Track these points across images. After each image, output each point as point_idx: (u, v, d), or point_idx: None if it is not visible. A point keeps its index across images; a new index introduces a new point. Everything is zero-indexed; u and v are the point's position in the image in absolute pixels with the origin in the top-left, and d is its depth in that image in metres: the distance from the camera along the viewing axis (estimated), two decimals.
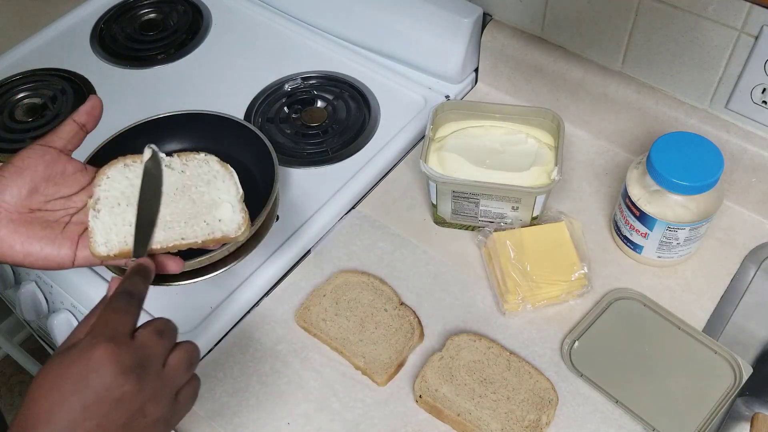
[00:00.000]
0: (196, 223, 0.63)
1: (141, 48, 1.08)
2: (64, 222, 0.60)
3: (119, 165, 0.63)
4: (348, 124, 0.95)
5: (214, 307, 0.77)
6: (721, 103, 0.81)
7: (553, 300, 0.76)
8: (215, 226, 0.64)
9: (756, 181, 0.81)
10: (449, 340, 0.73)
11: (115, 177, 0.62)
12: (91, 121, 0.63)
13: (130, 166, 0.63)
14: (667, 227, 0.74)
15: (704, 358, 0.72)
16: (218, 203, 0.64)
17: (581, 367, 0.72)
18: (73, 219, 0.61)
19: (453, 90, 0.98)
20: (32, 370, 1.37)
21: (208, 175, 0.65)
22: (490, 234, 0.79)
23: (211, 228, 0.64)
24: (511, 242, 0.77)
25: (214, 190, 0.65)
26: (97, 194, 0.61)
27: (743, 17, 0.72)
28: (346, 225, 0.86)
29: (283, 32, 1.08)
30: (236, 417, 0.71)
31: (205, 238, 0.63)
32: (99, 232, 0.60)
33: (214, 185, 0.65)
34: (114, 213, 0.61)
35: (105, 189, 0.62)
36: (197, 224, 0.63)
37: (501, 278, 0.76)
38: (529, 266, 0.76)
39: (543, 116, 0.82)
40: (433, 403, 0.69)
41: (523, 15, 0.91)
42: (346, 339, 0.74)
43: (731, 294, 0.78)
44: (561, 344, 0.74)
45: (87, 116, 0.62)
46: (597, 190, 0.87)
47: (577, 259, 0.76)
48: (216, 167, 0.66)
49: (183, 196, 0.64)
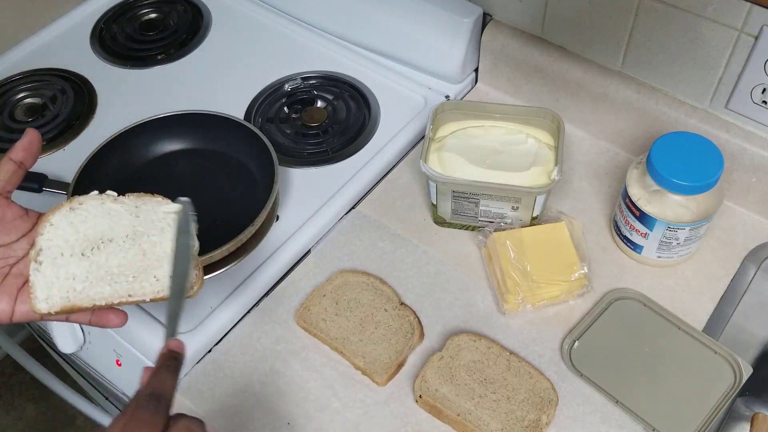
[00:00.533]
0: (145, 279, 0.58)
1: (141, 48, 1.08)
2: (3, 274, 0.56)
3: (64, 209, 0.58)
4: (348, 124, 0.95)
5: (214, 307, 0.77)
6: (721, 103, 0.81)
7: (553, 300, 0.76)
8: (165, 284, 0.58)
9: (756, 181, 0.81)
10: (449, 340, 0.73)
11: (59, 224, 0.57)
12: (29, 157, 0.58)
13: (75, 210, 0.58)
14: (667, 227, 0.74)
15: (704, 358, 0.72)
16: (170, 257, 0.58)
17: (581, 367, 0.72)
18: (12, 270, 0.57)
19: (453, 90, 0.98)
20: (32, 370, 1.37)
21: (163, 223, 0.59)
22: (490, 234, 0.79)
23: (161, 285, 0.58)
24: (511, 242, 0.77)
25: (167, 241, 0.59)
26: (39, 244, 0.56)
27: (743, 17, 0.72)
28: (346, 225, 0.86)
29: (283, 32, 1.08)
30: (236, 417, 0.71)
31: (154, 296, 0.58)
32: (40, 286, 0.55)
33: (167, 235, 0.59)
34: (57, 265, 0.56)
35: (48, 238, 0.56)
36: (146, 280, 0.58)
37: (501, 278, 0.76)
38: (529, 266, 0.76)
39: (543, 116, 0.82)
40: (433, 403, 0.69)
41: (523, 15, 0.91)
42: (346, 339, 0.74)
43: (731, 294, 0.78)
44: (561, 344, 0.74)
45: (24, 153, 0.58)
46: (597, 190, 0.87)
47: (577, 259, 0.77)
48: (171, 215, 0.60)
49: (133, 245, 0.58)
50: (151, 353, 0.75)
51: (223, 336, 0.77)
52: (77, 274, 0.57)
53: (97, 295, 0.57)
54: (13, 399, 1.69)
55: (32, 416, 1.66)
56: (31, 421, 1.66)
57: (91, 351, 0.83)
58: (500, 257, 0.77)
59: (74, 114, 0.98)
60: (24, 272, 0.57)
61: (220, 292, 0.79)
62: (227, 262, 0.80)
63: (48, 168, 0.90)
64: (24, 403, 1.68)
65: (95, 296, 0.57)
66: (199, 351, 0.75)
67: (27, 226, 0.58)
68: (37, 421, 1.66)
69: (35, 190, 0.87)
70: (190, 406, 0.72)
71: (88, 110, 0.99)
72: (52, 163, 0.92)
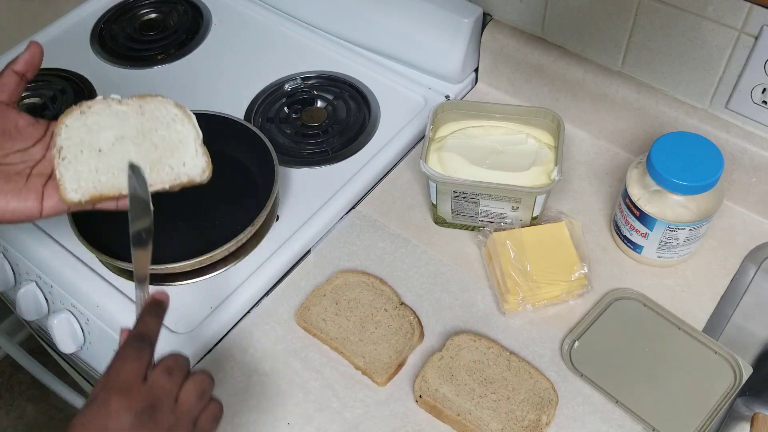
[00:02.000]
0: (161, 169, 0.63)
1: (141, 48, 1.08)
2: (26, 174, 0.61)
3: (75, 113, 0.62)
4: (348, 124, 0.95)
5: (214, 307, 0.77)
6: (721, 103, 0.81)
7: (554, 300, 0.76)
8: (180, 171, 0.64)
9: (756, 181, 0.81)
10: (449, 340, 0.73)
11: (73, 125, 0.62)
12: (31, 69, 0.62)
13: (85, 113, 0.62)
14: (667, 227, 0.74)
15: (704, 358, 0.72)
16: (180, 147, 0.64)
17: (581, 367, 0.72)
18: (33, 171, 0.61)
19: (453, 90, 0.98)
20: (32, 370, 1.37)
21: (167, 118, 0.64)
22: (490, 234, 0.79)
23: (177, 173, 0.64)
24: (511, 242, 0.77)
25: (175, 134, 0.64)
26: (59, 143, 0.61)
27: (743, 17, 0.72)
28: (346, 225, 0.86)
29: (283, 32, 1.08)
30: (236, 417, 0.71)
31: (172, 183, 0.64)
32: (68, 179, 0.60)
33: (174, 128, 0.64)
34: (79, 160, 0.61)
35: (66, 138, 0.61)
36: (162, 170, 0.63)
37: (501, 278, 0.76)
38: (529, 266, 0.76)
39: (543, 116, 0.82)
40: (433, 403, 0.69)
41: (523, 15, 0.91)
42: (346, 339, 0.74)
43: (731, 294, 0.78)
44: (561, 344, 0.74)
45: (26, 65, 0.62)
46: (597, 190, 0.87)
47: (577, 259, 0.77)
48: (174, 110, 0.65)
49: (145, 140, 0.63)
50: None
51: (223, 336, 0.77)
52: (99, 167, 0.62)
53: (122, 184, 0.62)
54: (13, 399, 1.69)
55: (32, 416, 1.66)
56: (31, 421, 1.66)
57: (91, 351, 0.83)
58: (500, 257, 0.77)
59: None
60: (44, 172, 0.61)
61: (220, 292, 0.79)
62: (227, 262, 0.81)
63: None
64: (24, 403, 1.68)
65: (120, 185, 0.62)
66: (199, 351, 0.75)
67: (39, 132, 0.62)
68: (37, 421, 1.66)
69: None
70: None
71: None
72: None
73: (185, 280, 0.80)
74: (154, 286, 0.79)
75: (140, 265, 0.60)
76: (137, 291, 0.59)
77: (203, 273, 0.80)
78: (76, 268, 0.81)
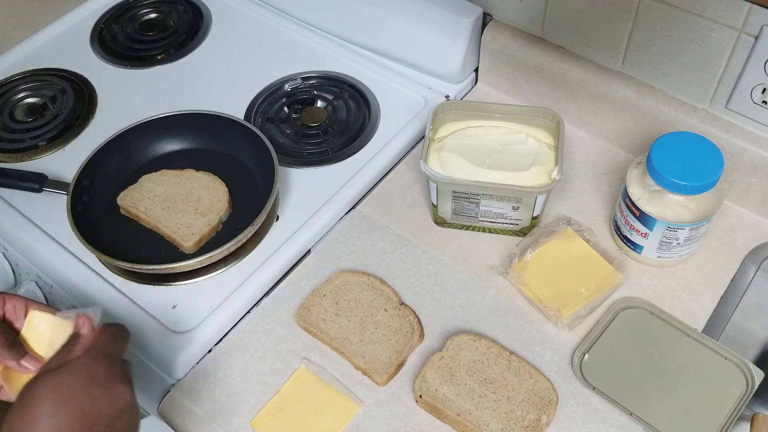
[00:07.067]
0: None
1: (141, 48, 1.08)
2: None
3: None
4: (348, 124, 0.95)
5: (214, 307, 0.77)
6: (721, 103, 0.81)
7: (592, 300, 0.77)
8: None
9: (756, 181, 0.81)
10: (449, 340, 0.73)
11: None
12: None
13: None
14: (667, 227, 0.73)
15: (715, 364, 0.71)
16: None
17: (593, 380, 0.71)
18: None
19: (453, 90, 0.98)
20: None
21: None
22: (510, 266, 0.79)
23: None
24: (533, 270, 0.78)
25: None
26: None
27: (743, 17, 0.72)
28: (346, 225, 0.86)
29: (283, 32, 1.08)
30: (236, 417, 0.71)
31: None
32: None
33: None
34: None
35: None
36: None
37: (542, 305, 0.76)
38: (562, 282, 0.77)
39: (543, 116, 0.82)
40: (433, 403, 0.69)
41: (523, 15, 0.91)
42: (346, 339, 0.74)
43: (731, 294, 0.78)
44: (571, 357, 0.73)
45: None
46: (597, 190, 0.87)
47: (612, 269, 0.78)
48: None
49: None
50: (153, 353, 0.75)
51: (223, 336, 0.77)
52: None
53: None
54: None
55: None
56: None
57: None
58: (531, 285, 0.77)
59: (74, 114, 0.98)
60: None
61: (220, 292, 0.79)
62: (227, 262, 0.81)
63: (48, 168, 0.91)
64: None
65: None
66: (199, 351, 0.75)
67: None
68: None
69: (35, 191, 0.87)
70: (191, 406, 0.72)
71: (88, 110, 0.98)
72: (52, 163, 0.92)
73: (185, 280, 0.80)
74: (155, 285, 0.80)
75: None
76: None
77: (203, 273, 0.80)
78: (76, 268, 0.81)
